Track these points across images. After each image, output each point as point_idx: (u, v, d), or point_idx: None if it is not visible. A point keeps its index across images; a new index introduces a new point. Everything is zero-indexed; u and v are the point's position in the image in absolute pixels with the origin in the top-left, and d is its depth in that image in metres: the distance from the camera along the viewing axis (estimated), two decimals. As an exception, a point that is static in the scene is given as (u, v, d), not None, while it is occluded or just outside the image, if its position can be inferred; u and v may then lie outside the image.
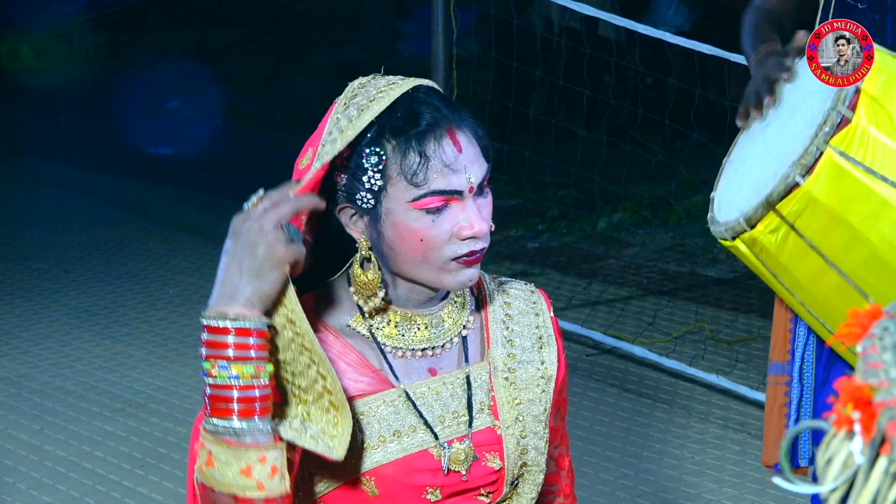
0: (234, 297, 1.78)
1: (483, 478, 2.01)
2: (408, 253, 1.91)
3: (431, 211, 1.89)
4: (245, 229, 1.79)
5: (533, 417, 2.04)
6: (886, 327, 1.03)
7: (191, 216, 8.54)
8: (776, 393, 2.99)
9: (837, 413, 0.99)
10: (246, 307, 1.78)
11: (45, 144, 10.62)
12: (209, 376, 1.77)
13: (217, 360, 1.77)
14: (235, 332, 1.77)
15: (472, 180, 1.91)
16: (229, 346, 1.77)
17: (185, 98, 11.94)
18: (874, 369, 0.99)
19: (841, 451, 0.99)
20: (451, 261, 1.91)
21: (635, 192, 7.78)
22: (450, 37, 5.75)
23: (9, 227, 8.25)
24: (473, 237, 1.91)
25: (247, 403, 1.77)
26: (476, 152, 1.93)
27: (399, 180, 1.89)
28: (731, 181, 2.59)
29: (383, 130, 1.90)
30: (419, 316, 1.98)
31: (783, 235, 2.39)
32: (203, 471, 1.79)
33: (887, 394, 0.97)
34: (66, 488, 4.68)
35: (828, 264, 2.38)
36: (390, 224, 1.90)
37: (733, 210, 2.48)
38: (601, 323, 6.15)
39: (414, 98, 1.92)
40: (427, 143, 1.89)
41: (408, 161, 1.89)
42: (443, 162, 1.89)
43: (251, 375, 1.77)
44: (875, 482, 0.96)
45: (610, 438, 4.97)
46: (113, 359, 5.95)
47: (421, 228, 1.90)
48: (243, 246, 1.79)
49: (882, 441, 0.96)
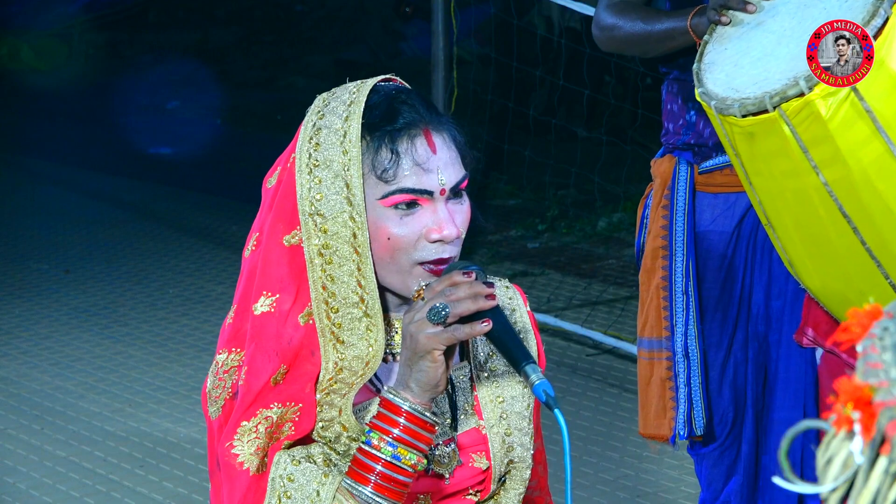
0: (405, 385, 1.87)
1: (471, 478, 2.01)
2: (378, 252, 1.90)
3: (400, 208, 1.89)
4: (403, 323, 1.87)
5: (517, 414, 2.04)
6: (886, 327, 1.03)
7: (191, 216, 8.55)
8: (655, 368, 3.22)
9: (837, 413, 0.99)
10: (411, 394, 1.86)
11: (44, 144, 10.62)
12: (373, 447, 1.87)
13: (379, 433, 1.87)
14: (406, 416, 1.86)
15: (443, 182, 1.90)
16: (399, 426, 1.86)
17: (185, 98, 11.94)
18: (874, 369, 0.99)
19: (841, 451, 0.99)
20: (416, 265, 1.90)
21: (635, 192, 7.77)
22: (450, 37, 5.75)
23: (9, 227, 8.25)
24: (441, 240, 1.90)
25: (385, 481, 1.86)
26: (453, 156, 1.92)
27: (370, 177, 1.89)
28: (737, 66, 2.57)
29: (362, 127, 1.90)
30: (397, 319, 1.98)
31: (841, 99, 2.35)
32: None
33: (887, 394, 0.97)
34: (66, 488, 4.68)
35: (877, 131, 2.34)
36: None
37: (764, 83, 2.44)
38: (601, 323, 6.15)
39: (395, 98, 1.92)
40: (400, 141, 1.89)
41: (379, 157, 1.89)
42: (414, 160, 1.89)
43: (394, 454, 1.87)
44: (875, 482, 0.96)
45: (610, 438, 4.97)
46: (113, 359, 5.95)
47: (389, 227, 1.89)
48: (402, 339, 1.87)
49: (882, 441, 0.96)
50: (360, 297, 1.89)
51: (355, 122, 1.89)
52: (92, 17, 13.84)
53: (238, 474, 1.88)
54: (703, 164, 3.16)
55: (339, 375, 1.90)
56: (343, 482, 1.87)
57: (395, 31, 12.92)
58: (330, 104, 1.92)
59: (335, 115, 1.90)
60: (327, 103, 1.93)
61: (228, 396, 1.91)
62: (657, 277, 3.19)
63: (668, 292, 3.16)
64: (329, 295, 1.89)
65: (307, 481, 1.86)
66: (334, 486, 1.86)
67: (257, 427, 1.87)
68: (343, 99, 1.92)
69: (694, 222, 3.17)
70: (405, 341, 1.85)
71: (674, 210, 3.17)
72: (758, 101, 2.40)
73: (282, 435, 1.89)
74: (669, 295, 3.15)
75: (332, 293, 1.89)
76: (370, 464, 1.86)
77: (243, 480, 1.87)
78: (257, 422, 1.88)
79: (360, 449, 1.87)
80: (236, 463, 1.88)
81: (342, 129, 1.89)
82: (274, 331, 1.89)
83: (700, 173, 3.17)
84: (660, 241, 3.20)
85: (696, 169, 3.17)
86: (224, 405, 1.91)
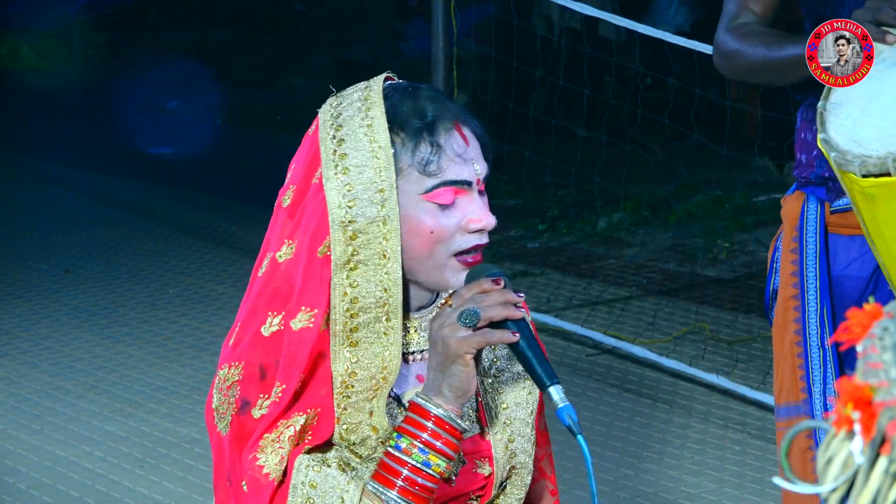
0: (437, 391, 1.87)
1: (474, 484, 2.01)
2: (416, 247, 1.90)
3: (442, 204, 1.89)
4: (432, 329, 1.88)
5: (520, 421, 2.04)
6: (886, 327, 1.03)
7: (191, 216, 8.54)
8: (795, 439, 2.67)
9: (837, 413, 0.99)
10: (443, 400, 1.87)
11: (44, 144, 10.62)
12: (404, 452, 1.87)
13: (409, 438, 1.87)
14: (436, 420, 1.87)
15: (478, 172, 1.92)
16: (427, 430, 1.87)
17: (185, 98, 11.94)
18: (874, 369, 0.99)
19: (841, 451, 0.99)
20: (453, 257, 1.91)
21: (635, 192, 7.78)
22: (450, 37, 5.74)
23: (9, 227, 8.25)
24: (481, 230, 1.92)
25: (411, 486, 1.87)
26: (479, 148, 1.94)
27: (410, 172, 1.89)
28: (865, 112, 2.29)
29: (391, 124, 1.89)
30: (412, 319, 1.98)
31: None
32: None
33: (887, 394, 0.97)
34: (66, 488, 4.68)
35: None
36: (400, 218, 1.89)
37: (890, 140, 2.18)
38: (601, 323, 6.15)
39: (417, 93, 1.92)
40: (438, 134, 1.89)
41: (420, 151, 1.89)
42: (454, 151, 1.90)
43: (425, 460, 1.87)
44: (875, 482, 0.96)
45: (610, 438, 4.97)
46: (113, 359, 5.94)
47: (431, 220, 1.89)
48: (431, 344, 1.87)
49: (882, 441, 0.96)
50: (383, 301, 1.89)
51: (381, 127, 1.88)
52: (92, 17, 13.84)
53: (264, 487, 1.86)
54: (836, 201, 2.72)
55: (352, 379, 1.90)
56: (368, 485, 1.87)
57: (395, 31, 12.92)
58: (342, 114, 1.91)
59: (354, 122, 1.89)
60: (339, 113, 1.91)
61: (234, 412, 1.89)
62: (790, 333, 2.78)
63: (802, 348, 2.76)
64: (351, 301, 1.88)
65: (331, 488, 1.85)
66: (358, 493, 1.85)
67: (280, 437, 1.86)
68: (357, 106, 1.90)
69: (828, 267, 2.76)
70: (435, 347, 1.85)
71: (804, 254, 2.77)
72: (880, 161, 2.14)
73: (301, 441, 1.88)
74: (804, 351, 2.75)
75: (354, 298, 1.88)
76: (397, 468, 1.86)
77: (269, 491, 1.86)
78: (279, 431, 1.87)
79: (388, 453, 1.87)
80: (261, 475, 1.86)
81: (368, 134, 1.88)
82: (310, 345, 1.88)
83: (833, 213, 2.74)
84: (791, 290, 2.79)
85: (829, 208, 2.74)
86: (232, 421, 1.90)
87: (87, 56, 13.40)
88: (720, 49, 2.78)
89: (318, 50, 13.05)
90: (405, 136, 1.89)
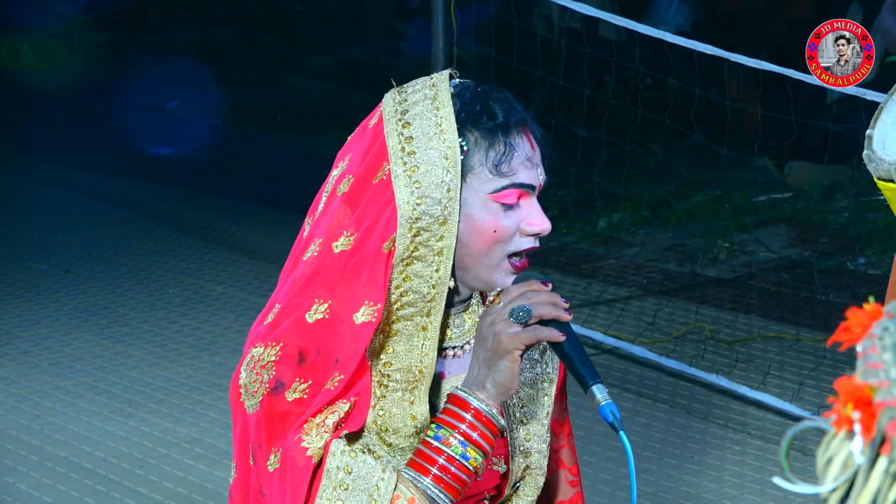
0: (480, 385, 1.89)
1: (489, 482, 2.01)
2: (475, 245, 1.91)
3: (506, 205, 1.91)
4: (481, 325, 1.89)
5: (537, 421, 2.05)
6: (886, 327, 1.03)
7: (191, 216, 8.54)
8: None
9: (837, 413, 0.99)
10: (485, 395, 1.89)
11: (44, 144, 10.62)
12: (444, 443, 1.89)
13: (448, 428, 1.89)
14: (475, 413, 1.88)
15: (542, 178, 1.95)
16: (465, 422, 1.89)
17: (185, 98, 11.94)
18: (874, 369, 0.99)
19: (841, 451, 0.99)
20: (507, 258, 1.93)
21: (635, 192, 7.78)
22: (450, 37, 5.74)
23: (9, 227, 8.25)
24: (538, 234, 1.95)
25: (444, 473, 1.89)
26: (541, 155, 1.96)
27: (481, 171, 1.90)
28: None
29: (464, 122, 1.90)
30: (449, 315, 1.99)
31: None
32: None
33: (887, 394, 0.97)
34: (66, 488, 4.68)
35: None
36: (464, 215, 1.90)
37: None
38: (601, 323, 6.15)
39: (489, 95, 1.93)
40: (512, 136, 1.90)
41: (494, 151, 1.90)
42: (525, 155, 1.92)
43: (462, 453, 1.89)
44: (875, 482, 0.96)
45: (610, 438, 4.97)
46: (113, 359, 5.95)
47: (495, 220, 1.91)
48: (479, 340, 1.89)
49: (882, 441, 0.96)
50: (429, 297, 1.90)
51: (451, 127, 1.89)
52: (92, 17, 13.83)
53: (305, 469, 1.87)
54: None
55: (388, 369, 1.92)
56: (403, 472, 1.89)
57: (395, 31, 12.91)
58: (409, 111, 1.91)
59: (424, 119, 1.90)
60: (406, 109, 1.91)
61: (266, 392, 1.89)
62: None
63: None
64: (400, 294, 1.90)
65: (367, 474, 1.87)
66: (393, 481, 1.87)
67: (324, 421, 1.87)
68: (426, 104, 1.91)
69: None
70: (484, 342, 1.87)
71: None
72: (889, 167, 2.15)
73: (338, 428, 1.90)
74: None
75: (404, 292, 1.90)
76: (434, 456, 1.88)
77: (308, 472, 1.87)
78: (324, 416, 1.88)
79: (426, 442, 1.89)
80: (304, 457, 1.87)
81: (438, 133, 1.89)
82: (369, 340, 1.88)
83: None
84: None
85: None
86: (262, 400, 1.89)
87: (87, 56, 13.40)
88: (881, 25, 2.81)
89: (318, 50, 13.05)
90: (479, 135, 1.90)
